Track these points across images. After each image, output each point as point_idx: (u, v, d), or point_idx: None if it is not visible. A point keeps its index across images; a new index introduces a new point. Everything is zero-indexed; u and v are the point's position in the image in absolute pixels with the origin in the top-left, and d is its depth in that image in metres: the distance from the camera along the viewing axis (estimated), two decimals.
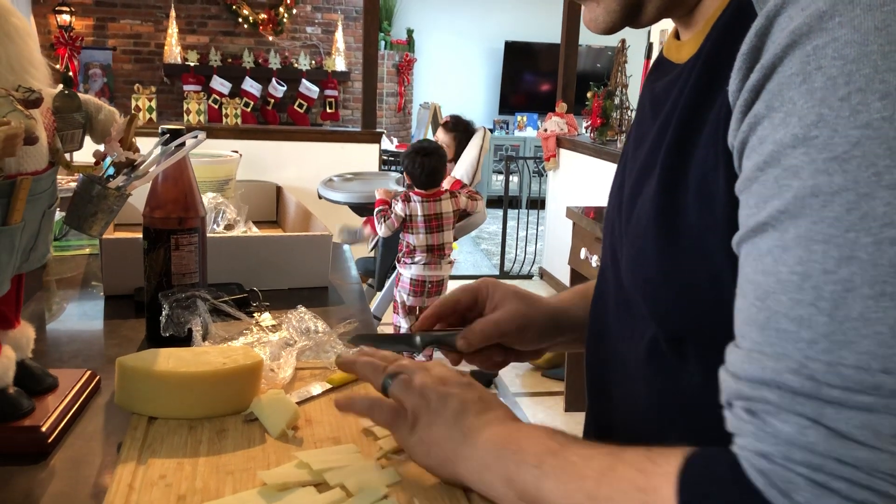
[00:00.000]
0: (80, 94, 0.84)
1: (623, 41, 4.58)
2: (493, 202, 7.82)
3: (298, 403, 0.84)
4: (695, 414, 0.55)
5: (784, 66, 0.44)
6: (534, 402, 3.48)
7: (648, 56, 4.28)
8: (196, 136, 0.92)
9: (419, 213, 3.12)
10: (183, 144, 0.93)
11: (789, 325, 0.42)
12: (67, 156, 0.82)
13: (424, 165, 3.09)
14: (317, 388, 0.88)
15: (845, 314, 0.41)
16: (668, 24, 0.66)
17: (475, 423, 0.65)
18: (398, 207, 3.14)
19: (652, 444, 0.53)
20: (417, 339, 0.83)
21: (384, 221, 3.14)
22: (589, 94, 4.67)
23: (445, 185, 3.34)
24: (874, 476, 0.40)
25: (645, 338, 0.62)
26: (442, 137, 3.83)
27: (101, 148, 0.84)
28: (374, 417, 0.72)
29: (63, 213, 0.87)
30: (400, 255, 3.22)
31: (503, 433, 0.63)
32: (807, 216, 0.42)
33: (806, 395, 0.41)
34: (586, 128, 4.85)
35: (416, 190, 3.15)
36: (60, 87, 0.82)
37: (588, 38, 7.09)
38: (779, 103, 0.44)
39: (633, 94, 4.25)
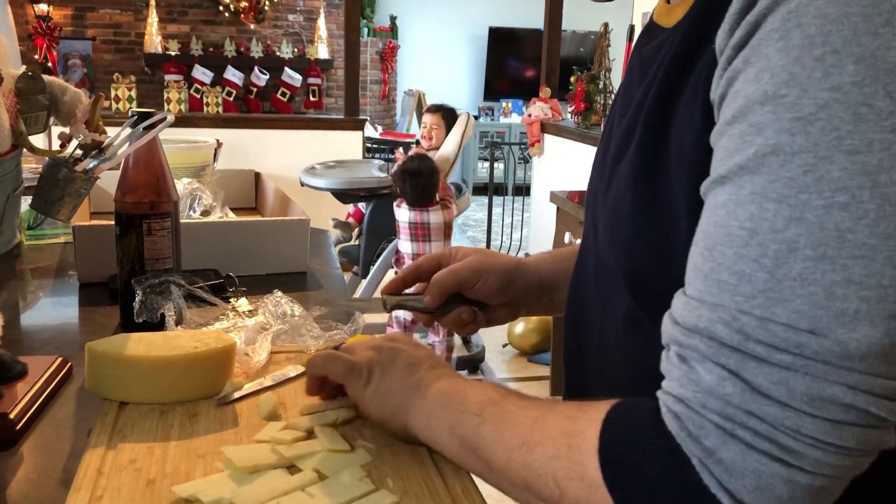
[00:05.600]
0: (44, 76, 0.82)
1: (605, 25, 4.57)
2: (479, 189, 7.81)
3: (273, 387, 0.83)
4: None
5: (767, 23, 0.44)
6: (520, 386, 3.48)
7: (630, 39, 4.26)
8: (165, 118, 0.90)
9: (405, 219, 3.10)
10: (152, 126, 0.91)
11: (730, 277, 0.44)
12: (35, 140, 0.80)
13: (415, 186, 3.06)
14: (292, 371, 0.87)
15: (785, 273, 0.42)
16: (649, 6, 0.65)
17: (427, 376, 0.68)
18: (394, 207, 3.16)
19: None
20: (386, 302, 0.85)
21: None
22: (573, 79, 4.66)
23: None
24: (778, 430, 0.42)
25: (621, 306, 0.61)
26: (430, 120, 3.80)
27: (67, 130, 0.83)
28: (330, 370, 0.73)
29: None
30: (393, 262, 3.21)
31: (451, 386, 0.66)
32: (764, 174, 0.42)
33: (732, 348, 0.43)
34: (570, 112, 4.84)
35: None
36: (24, 68, 0.81)
37: (571, 23, 7.07)
38: (755, 58, 0.44)
39: (616, 77, 4.24)
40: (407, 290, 0.88)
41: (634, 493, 0.47)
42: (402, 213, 3.12)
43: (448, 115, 3.77)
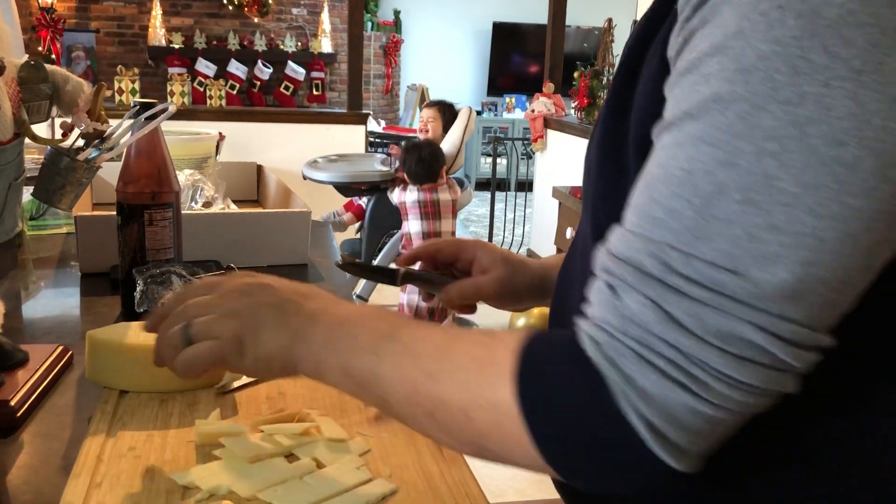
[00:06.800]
0: (46, 65, 0.82)
1: (609, 20, 4.56)
2: (482, 184, 7.81)
3: None
4: None
5: None
6: None
7: None
8: (166, 109, 0.91)
9: (413, 199, 3.12)
10: (153, 117, 0.92)
11: (663, 213, 0.46)
12: (38, 129, 0.81)
13: (416, 158, 3.09)
14: None
15: (712, 213, 0.44)
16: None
17: (299, 321, 0.62)
18: (393, 195, 3.17)
19: None
20: (399, 273, 0.84)
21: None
22: (576, 75, 4.66)
23: None
24: (690, 361, 0.44)
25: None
26: (427, 114, 3.81)
27: (69, 119, 0.83)
28: (199, 364, 0.63)
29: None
30: (401, 248, 3.23)
31: (333, 323, 0.61)
32: (704, 119, 0.44)
33: (655, 279, 0.45)
34: (574, 108, 4.84)
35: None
36: (26, 57, 0.81)
37: (576, 18, 7.06)
38: (712, 16, 0.46)
39: None
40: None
41: (550, 418, 0.48)
42: (410, 194, 3.13)
43: (445, 109, 3.77)
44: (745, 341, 0.43)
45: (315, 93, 6.68)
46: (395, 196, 3.19)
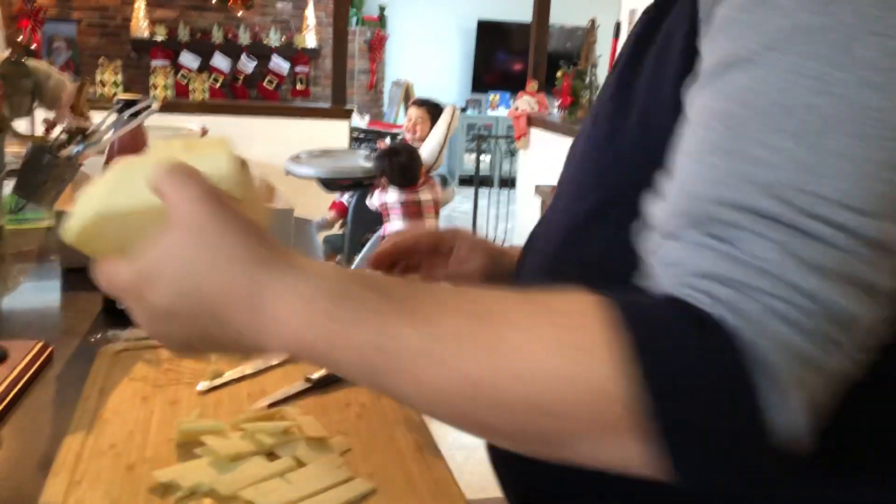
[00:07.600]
0: (29, 61, 0.82)
1: (593, 21, 4.58)
2: (465, 181, 7.81)
3: (254, 374, 0.84)
4: None
5: None
6: None
7: (617, 35, 4.27)
8: (149, 106, 0.91)
9: (394, 199, 3.16)
10: (137, 114, 0.91)
11: (764, 152, 0.41)
12: (19, 125, 0.80)
13: (394, 163, 3.14)
14: (274, 359, 0.87)
15: (825, 147, 0.40)
16: (638, 5, 0.65)
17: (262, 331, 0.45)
18: (373, 199, 3.21)
19: None
20: None
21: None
22: (559, 74, 4.67)
23: None
24: (825, 309, 0.39)
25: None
26: (415, 113, 3.82)
27: (52, 116, 0.83)
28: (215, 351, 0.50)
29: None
30: None
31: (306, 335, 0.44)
32: (792, 51, 0.41)
33: (779, 221, 0.40)
34: (557, 107, 4.85)
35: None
36: (8, 51, 0.81)
37: (559, 17, 7.07)
38: None
39: (602, 73, 4.25)
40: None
41: (679, 401, 0.38)
42: (391, 195, 3.17)
43: (433, 110, 3.79)
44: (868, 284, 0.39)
45: (299, 87, 6.66)
46: (375, 200, 3.22)
